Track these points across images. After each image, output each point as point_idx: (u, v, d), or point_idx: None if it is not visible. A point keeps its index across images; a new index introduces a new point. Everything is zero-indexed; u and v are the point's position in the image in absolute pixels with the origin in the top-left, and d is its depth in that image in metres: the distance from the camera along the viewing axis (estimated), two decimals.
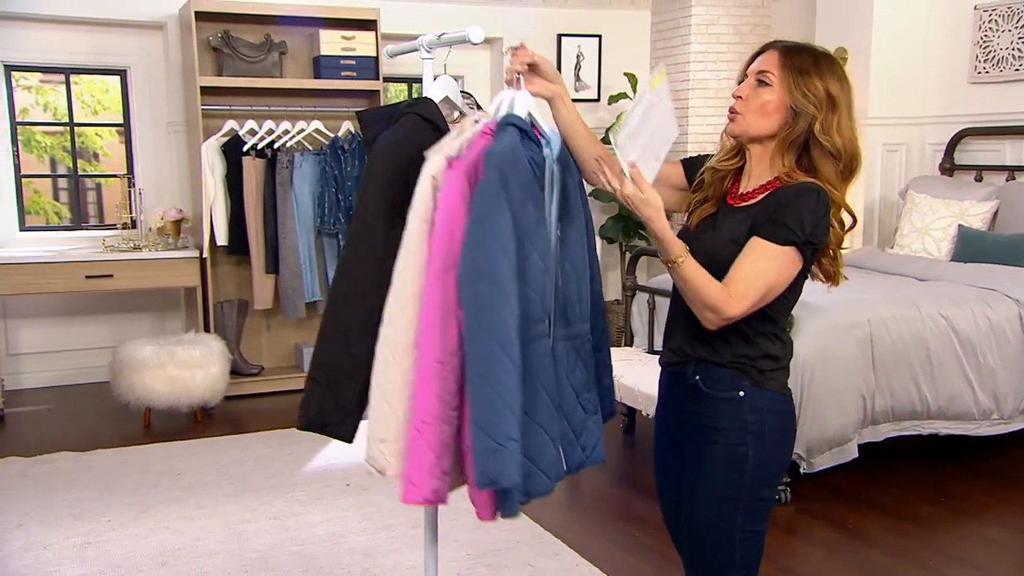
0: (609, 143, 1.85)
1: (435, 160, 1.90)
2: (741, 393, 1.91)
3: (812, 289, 2.12)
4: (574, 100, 6.91)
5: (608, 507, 3.81)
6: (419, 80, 2.09)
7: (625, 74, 6.24)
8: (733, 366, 1.91)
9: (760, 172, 1.93)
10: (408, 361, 1.91)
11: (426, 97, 2.06)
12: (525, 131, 1.89)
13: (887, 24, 5.43)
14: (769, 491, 1.98)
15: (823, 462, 3.81)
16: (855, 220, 1.96)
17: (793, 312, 3.65)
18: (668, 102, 1.82)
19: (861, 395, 3.84)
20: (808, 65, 1.86)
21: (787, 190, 1.85)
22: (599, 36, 6.53)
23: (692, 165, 2.08)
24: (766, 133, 1.89)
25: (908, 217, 5.04)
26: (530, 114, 1.95)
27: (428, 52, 2.14)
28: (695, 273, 1.81)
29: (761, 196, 1.89)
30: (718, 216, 1.95)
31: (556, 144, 1.96)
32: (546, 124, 2.00)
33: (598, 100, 6.55)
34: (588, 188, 2.11)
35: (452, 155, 1.89)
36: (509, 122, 1.89)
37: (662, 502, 2.18)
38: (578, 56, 6.49)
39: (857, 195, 5.55)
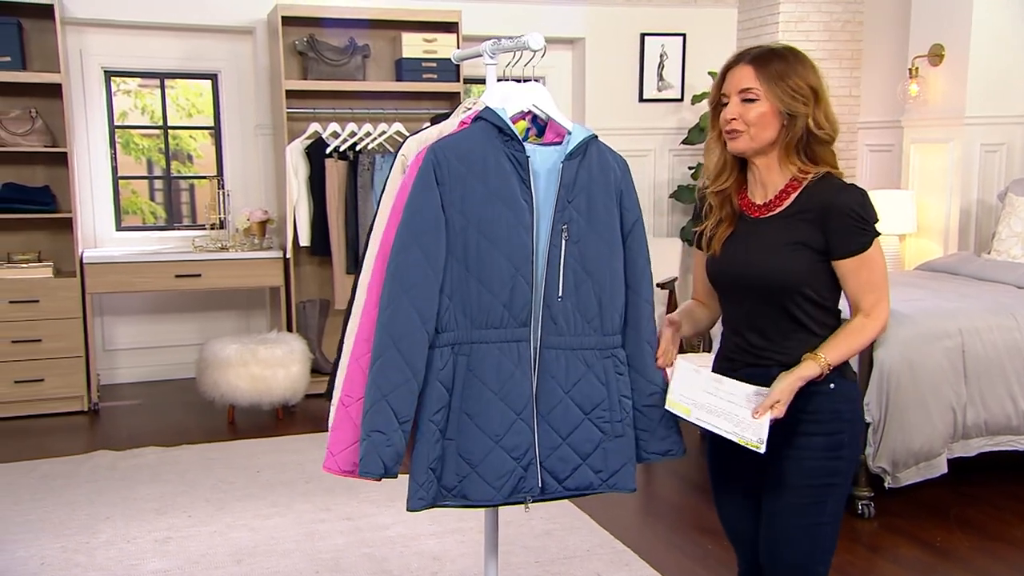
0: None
1: (410, 146, 1.95)
2: (832, 385, 1.97)
3: (900, 296, 2.08)
4: (655, 100, 6.78)
5: (680, 516, 3.74)
6: (501, 80, 2.11)
7: (709, 73, 6.11)
8: None
9: (773, 180, 1.99)
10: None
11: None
12: (500, 128, 1.89)
13: (987, 19, 5.17)
14: (851, 476, 2.07)
15: (909, 477, 3.66)
16: None
17: None
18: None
19: (951, 407, 3.67)
20: (783, 68, 1.91)
21: (820, 192, 1.93)
22: (683, 35, 6.41)
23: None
24: (768, 142, 1.94)
25: (1007, 221, 4.80)
26: (535, 106, 1.97)
27: (491, 58, 2.12)
28: (844, 349, 1.94)
29: (791, 199, 1.96)
30: (745, 231, 2.00)
31: (576, 140, 1.95)
32: (568, 120, 2.01)
33: (681, 100, 6.44)
34: (661, 189, 2.11)
35: (430, 143, 1.94)
36: (481, 116, 1.91)
37: (729, 513, 2.19)
38: (661, 55, 6.39)
39: (953, 197, 5.32)
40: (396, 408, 1.82)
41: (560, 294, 1.91)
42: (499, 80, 2.16)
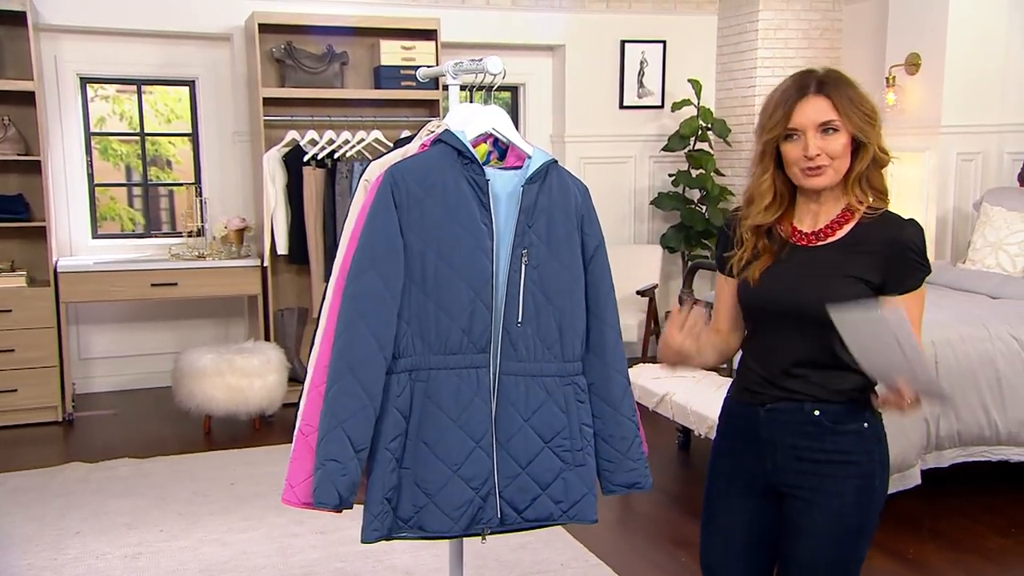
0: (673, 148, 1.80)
1: (373, 169, 1.94)
2: (866, 425, 1.90)
3: None
4: (636, 107, 6.74)
5: (658, 529, 3.73)
6: (479, 88, 2.09)
7: (689, 80, 6.12)
8: (852, 399, 1.90)
9: (827, 208, 1.90)
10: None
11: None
12: (460, 151, 1.86)
13: (963, 28, 5.19)
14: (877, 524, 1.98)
15: None
16: None
17: None
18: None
19: (924, 418, 3.68)
20: (853, 94, 1.83)
21: (880, 227, 1.85)
22: (663, 42, 6.41)
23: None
24: (843, 173, 1.86)
25: (982, 231, 4.82)
26: (495, 130, 1.94)
27: (454, 78, 2.12)
28: None
29: (845, 229, 1.87)
30: (792, 260, 1.89)
31: (536, 165, 1.92)
32: (528, 144, 1.98)
33: (661, 107, 6.44)
34: (642, 196, 2.06)
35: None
36: (441, 139, 1.87)
37: (733, 564, 2.03)
38: (641, 62, 6.38)
39: (929, 206, 5.34)
40: (352, 436, 1.79)
41: (520, 319, 1.88)
42: (463, 89, 2.16)
